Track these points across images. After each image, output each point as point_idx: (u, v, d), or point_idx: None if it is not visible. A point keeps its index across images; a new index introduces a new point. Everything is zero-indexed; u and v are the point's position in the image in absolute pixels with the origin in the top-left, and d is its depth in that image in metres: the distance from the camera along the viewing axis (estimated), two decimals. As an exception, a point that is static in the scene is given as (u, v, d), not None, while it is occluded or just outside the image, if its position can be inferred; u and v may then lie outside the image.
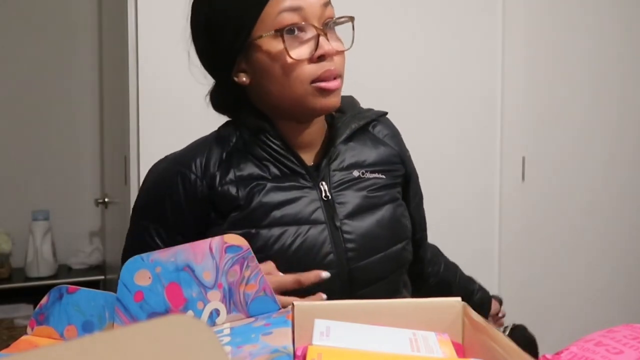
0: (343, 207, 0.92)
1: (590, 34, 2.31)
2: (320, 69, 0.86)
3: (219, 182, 0.90)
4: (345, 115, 0.98)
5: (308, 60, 0.86)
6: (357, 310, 0.61)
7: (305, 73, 0.86)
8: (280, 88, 0.88)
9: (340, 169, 0.95)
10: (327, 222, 0.91)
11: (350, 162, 0.96)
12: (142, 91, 1.74)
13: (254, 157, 0.92)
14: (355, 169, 0.96)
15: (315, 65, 0.86)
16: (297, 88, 0.87)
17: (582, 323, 2.28)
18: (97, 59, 2.79)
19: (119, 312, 0.55)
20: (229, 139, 0.94)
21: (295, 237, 0.89)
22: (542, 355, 0.51)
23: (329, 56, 0.86)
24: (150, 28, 1.75)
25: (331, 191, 0.93)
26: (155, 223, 0.92)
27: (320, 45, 0.85)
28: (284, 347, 0.52)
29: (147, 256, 0.57)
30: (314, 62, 0.86)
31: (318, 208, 0.91)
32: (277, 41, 0.86)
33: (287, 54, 0.85)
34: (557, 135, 2.28)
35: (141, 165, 1.75)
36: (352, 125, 0.97)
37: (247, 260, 0.61)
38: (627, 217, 2.42)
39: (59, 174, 2.78)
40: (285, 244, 0.88)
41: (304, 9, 0.85)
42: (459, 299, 0.63)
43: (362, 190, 0.95)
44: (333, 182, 0.93)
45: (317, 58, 0.86)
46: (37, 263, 2.58)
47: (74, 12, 2.77)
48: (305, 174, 0.92)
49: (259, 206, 0.89)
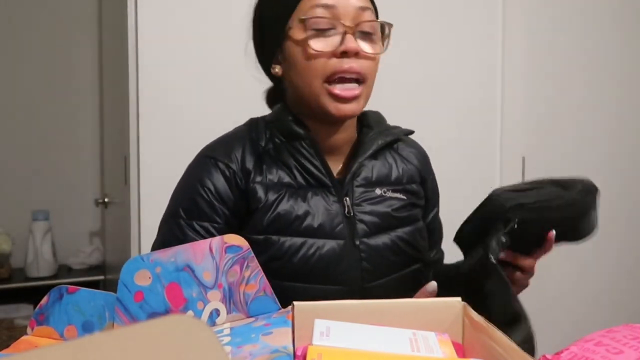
0: (363, 225, 0.92)
1: (590, 34, 2.31)
2: (341, 64, 0.86)
3: (252, 180, 0.90)
4: (372, 131, 0.98)
5: (330, 54, 0.86)
6: (357, 310, 0.61)
7: (324, 67, 0.86)
8: (301, 81, 0.89)
9: (363, 185, 0.94)
10: (347, 238, 0.90)
11: (373, 180, 0.96)
12: (142, 91, 1.74)
13: (283, 164, 0.91)
14: (378, 187, 0.95)
15: (336, 60, 0.86)
16: (313, 83, 0.87)
17: (582, 323, 2.28)
18: (97, 59, 2.79)
19: (119, 312, 0.55)
20: (259, 139, 0.94)
21: (315, 249, 0.88)
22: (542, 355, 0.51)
23: (351, 53, 0.86)
24: (150, 28, 1.75)
25: (353, 207, 0.92)
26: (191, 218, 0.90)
27: (345, 42, 0.86)
28: (284, 347, 0.52)
29: (147, 256, 0.57)
30: (336, 57, 0.86)
31: (341, 223, 0.90)
32: (303, 31, 0.87)
33: (307, 44, 0.86)
34: (557, 135, 2.28)
35: (141, 165, 1.75)
36: (378, 141, 0.97)
37: (247, 260, 0.61)
38: (627, 217, 2.42)
39: (59, 174, 2.78)
40: (306, 255, 0.88)
41: (336, 8, 0.86)
42: (459, 299, 0.63)
43: (383, 209, 0.94)
44: (355, 198, 0.93)
45: (340, 54, 0.86)
46: (37, 263, 2.58)
47: (74, 12, 2.77)
48: (332, 187, 0.92)
49: (284, 214, 0.88)
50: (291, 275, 0.86)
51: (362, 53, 0.87)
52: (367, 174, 0.95)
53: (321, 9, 0.86)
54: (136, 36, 1.74)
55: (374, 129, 0.99)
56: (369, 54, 0.88)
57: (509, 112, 2.19)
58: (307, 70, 0.87)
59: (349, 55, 0.86)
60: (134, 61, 1.74)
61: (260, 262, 0.86)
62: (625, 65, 2.38)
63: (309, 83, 0.87)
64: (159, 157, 1.77)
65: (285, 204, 0.89)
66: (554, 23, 2.25)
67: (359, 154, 0.95)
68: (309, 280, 0.87)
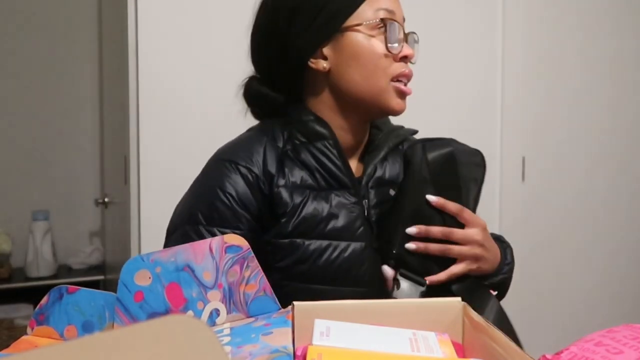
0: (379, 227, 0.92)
1: (590, 35, 2.31)
2: (402, 67, 0.91)
3: (276, 184, 0.89)
4: (381, 132, 0.99)
5: (393, 57, 0.90)
6: (357, 310, 0.61)
7: (389, 67, 0.90)
8: (364, 77, 0.90)
9: (378, 185, 0.94)
10: (367, 241, 0.90)
11: (386, 181, 0.96)
12: (142, 91, 1.74)
13: (303, 164, 0.90)
14: (391, 188, 0.95)
15: (399, 63, 0.91)
16: (381, 80, 0.90)
17: (582, 323, 2.28)
18: (97, 59, 2.79)
19: (119, 312, 0.55)
20: (276, 141, 0.92)
21: (339, 251, 0.88)
22: (542, 355, 0.51)
23: (409, 59, 0.92)
24: (150, 28, 1.75)
25: (370, 210, 0.92)
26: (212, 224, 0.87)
27: (406, 47, 0.91)
28: (284, 347, 0.52)
29: (147, 256, 0.57)
30: (397, 61, 0.91)
31: (362, 226, 0.90)
32: (374, 31, 0.89)
33: (385, 43, 0.89)
34: (557, 135, 2.28)
35: (141, 165, 1.75)
36: (389, 142, 0.98)
37: (247, 260, 0.61)
38: (627, 216, 2.42)
39: (59, 174, 2.78)
40: (330, 258, 0.87)
41: (396, 14, 0.91)
42: (459, 299, 0.63)
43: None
44: (372, 200, 0.93)
45: (400, 58, 0.90)
46: (37, 263, 2.58)
47: (74, 12, 2.77)
48: (351, 189, 0.91)
49: (309, 217, 0.88)
50: (316, 278, 0.86)
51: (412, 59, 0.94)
52: (380, 175, 0.95)
53: (385, 12, 0.90)
54: (136, 36, 1.74)
55: (382, 130, 1.00)
56: (412, 63, 0.94)
57: (509, 112, 2.19)
58: (375, 69, 0.89)
59: (407, 60, 0.92)
60: (134, 61, 1.74)
61: (284, 265, 0.87)
62: (625, 65, 2.38)
63: (375, 81, 0.90)
64: (159, 157, 1.77)
65: (309, 206, 0.88)
66: (554, 23, 2.25)
67: (374, 156, 0.95)
68: (333, 283, 0.87)
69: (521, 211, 2.21)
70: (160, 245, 0.92)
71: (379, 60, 0.89)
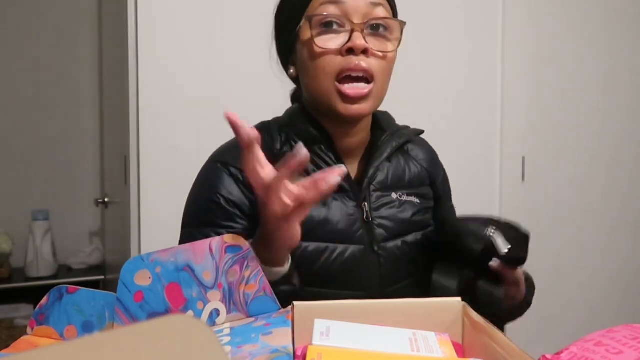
0: (381, 230, 0.91)
1: (590, 33, 2.31)
2: (347, 62, 0.83)
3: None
4: (384, 133, 0.97)
5: (337, 52, 0.84)
6: (357, 310, 0.61)
7: (331, 65, 0.84)
8: (312, 81, 0.87)
9: (380, 189, 0.93)
10: (366, 244, 0.90)
11: (389, 184, 0.95)
12: (142, 91, 1.74)
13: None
14: (394, 191, 0.94)
15: (342, 58, 0.83)
16: (323, 82, 0.85)
17: (582, 323, 2.28)
18: (97, 59, 2.79)
19: (119, 312, 0.55)
20: (274, 142, 0.91)
21: (337, 254, 0.87)
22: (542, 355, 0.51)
23: (358, 50, 0.83)
24: (150, 28, 1.75)
25: (371, 212, 0.91)
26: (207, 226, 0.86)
27: (352, 39, 0.83)
28: (284, 347, 0.52)
29: (147, 256, 0.57)
30: (342, 55, 0.83)
31: (361, 229, 0.90)
32: (309, 30, 0.85)
33: (313, 42, 0.84)
34: (557, 135, 2.28)
35: (141, 165, 1.75)
36: (392, 144, 0.96)
37: (247, 260, 0.61)
38: (628, 217, 2.42)
39: (59, 174, 2.78)
40: (328, 261, 0.87)
41: (345, 4, 0.84)
42: (459, 299, 0.63)
43: (399, 214, 0.93)
44: (373, 203, 0.92)
45: (345, 51, 0.83)
46: (37, 263, 2.58)
47: (75, 12, 2.77)
48: (350, 192, 0.91)
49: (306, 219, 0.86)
50: (314, 281, 0.84)
51: (371, 51, 0.84)
52: (383, 178, 0.94)
53: (331, 6, 0.84)
54: (136, 36, 1.74)
55: (386, 130, 0.97)
56: (377, 51, 0.85)
57: (509, 112, 2.19)
58: (316, 69, 0.85)
59: (356, 53, 0.83)
60: (134, 61, 1.74)
61: None
62: (625, 64, 2.38)
63: (319, 82, 0.85)
64: (159, 157, 1.77)
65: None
66: (555, 23, 2.25)
67: (375, 158, 0.94)
68: (330, 286, 0.86)
69: (521, 211, 2.21)
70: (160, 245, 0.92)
71: (317, 60, 0.84)
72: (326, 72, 0.84)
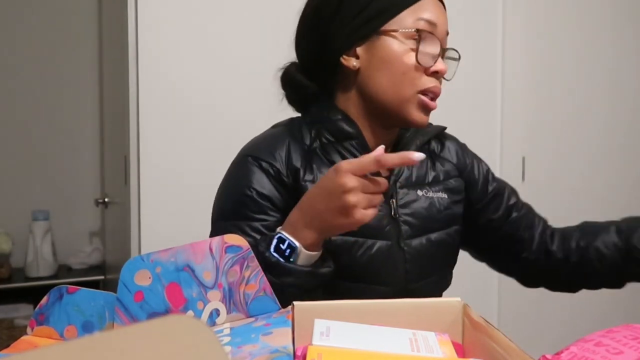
0: (407, 227, 0.92)
1: (590, 34, 2.31)
2: (431, 82, 0.89)
3: (302, 178, 0.89)
4: (409, 131, 0.99)
5: (424, 70, 0.88)
6: (357, 310, 0.61)
7: (418, 80, 0.88)
8: (391, 84, 0.88)
9: (406, 186, 0.95)
10: (393, 239, 0.91)
11: (414, 181, 0.96)
12: (142, 91, 1.74)
13: (331, 163, 0.90)
14: (419, 188, 0.96)
15: (428, 78, 0.89)
16: (406, 90, 0.88)
17: (582, 323, 2.28)
18: (97, 59, 2.79)
19: (119, 312, 0.55)
20: (303, 139, 0.92)
21: (365, 248, 0.89)
22: (542, 355, 0.51)
23: (441, 75, 0.90)
24: (150, 28, 1.75)
25: (398, 209, 0.93)
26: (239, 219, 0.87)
27: (439, 62, 0.89)
28: (284, 347, 0.52)
29: (147, 256, 0.57)
30: (428, 74, 0.88)
31: (389, 224, 0.91)
32: (409, 41, 0.87)
33: (416, 55, 0.87)
34: (557, 135, 2.28)
35: (141, 165, 1.75)
36: (417, 141, 0.98)
37: (247, 260, 0.61)
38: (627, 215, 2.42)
39: (59, 174, 2.78)
40: (356, 254, 0.88)
41: (437, 26, 0.89)
42: (458, 299, 0.63)
43: (425, 211, 0.95)
44: (399, 200, 0.93)
45: (431, 72, 0.88)
46: (37, 263, 2.58)
47: (74, 12, 2.77)
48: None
49: None
50: (341, 274, 0.85)
51: (445, 76, 0.91)
52: (408, 175, 0.96)
53: (426, 23, 0.87)
54: (136, 36, 1.74)
55: (410, 128, 0.99)
56: (447, 79, 0.92)
57: (509, 112, 2.19)
58: (403, 78, 0.87)
59: (438, 76, 0.89)
60: (134, 61, 1.74)
61: None
62: (626, 64, 2.38)
63: (401, 90, 0.88)
64: (159, 157, 1.77)
65: None
66: (554, 23, 2.25)
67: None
68: (356, 280, 0.87)
69: (521, 211, 2.21)
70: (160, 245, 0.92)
71: (408, 71, 0.87)
72: (413, 84, 0.88)
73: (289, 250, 0.79)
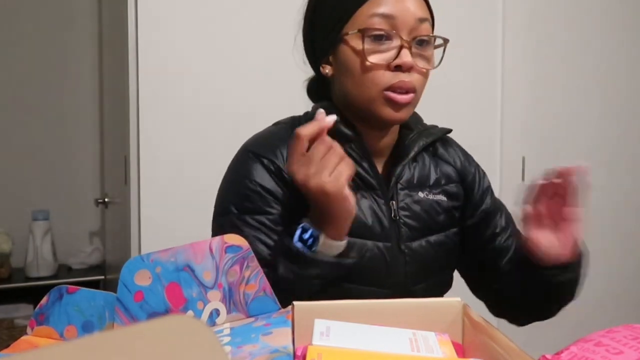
0: (407, 229, 0.92)
1: (590, 35, 2.31)
2: (395, 78, 0.86)
3: None
4: (412, 133, 0.98)
5: (385, 67, 0.86)
6: (357, 310, 0.61)
7: (379, 79, 0.86)
8: (355, 88, 0.88)
9: (406, 188, 0.94)
10: (393, 241, 0.91)
11: (416, 182, 0.96)
12: (142, 91, 1.74)
13: None
14: (420, 190, 0.95)
15: (391, 73, 0.86)
16: (370, 91, 0.87)
17: (582, 323, 2.27)
18: (97, 59, 2.79)
19: (119, 312, 0.55)
20: None
21: (365, 250, 0.89)
22: (542, 355, 0.51)
23: (406, 68, 0.86)
24: (150, 28, 1.74)
25: (398, 211, 0.93)
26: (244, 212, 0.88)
27: (400, 56, 0.85)
28: (284, 347, 0.52)
29: (147, 256, 0.57)
30: (390, 70, 0.86)
31: (389, 226, 0.91)
32: (360, 41, 0.86)
33: (364, 56, 0.85)
34: (557, 136, 2.28)
35: (141, 165, 1.75)
36: (419, 143, 0.97)
37: (247, 260, 0.61)
38: (628, 217, 2.42)
39: (59, 174, 2.78)
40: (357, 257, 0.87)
41: (395, 18, 0.86)
42: (458, 299, 0.63)
43: (425, 213, 0.94)
44: (400, 201, 0.93)
45: (394, 67, 0.86)
46: (37, 263, 2.58)
47: (74, 12, 2.77)
48: (379, 190, 0.92)
49: None
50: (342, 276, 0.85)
51: (415, 67, 0.87)
52: (409, 177, 0.95)
53: (380, 19, 0.85)
54: (136, 36, 1.74)
55: (413, 130, 0.99)
56: (422, 69, 0.88)
57: (509, 112, 2.19)
58: (363, 80, 0.87)
59: (404, 70, 0.86)
60: (134, 61, 1.74)
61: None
62: (625, 66, 2.38)
63: (365, 90, 0.87)
64: (159, 157, 1.77)
65: None
66: (554, 23, 2.25)
67: (402, 157, 0.95)
68: (357, 281, 0.87)
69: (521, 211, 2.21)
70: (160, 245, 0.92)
71: (366, 71, 0.86)
72: (374, 84, 0.86)
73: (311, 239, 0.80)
